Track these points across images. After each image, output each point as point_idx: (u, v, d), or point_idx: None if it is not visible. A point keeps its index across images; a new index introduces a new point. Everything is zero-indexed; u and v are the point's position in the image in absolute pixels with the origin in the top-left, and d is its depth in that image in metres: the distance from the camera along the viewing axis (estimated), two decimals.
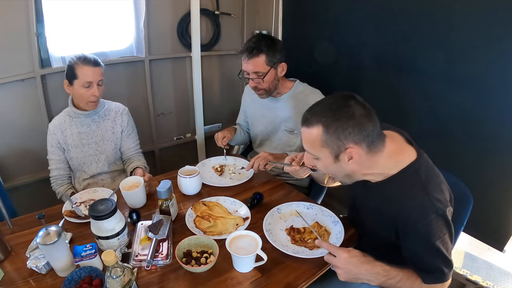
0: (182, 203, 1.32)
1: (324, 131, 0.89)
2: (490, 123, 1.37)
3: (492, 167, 1.40)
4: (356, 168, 0.94)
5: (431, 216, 0.87)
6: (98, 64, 1.45)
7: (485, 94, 1.35)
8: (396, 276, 0.93)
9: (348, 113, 0.87)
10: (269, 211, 1.22)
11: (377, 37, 1.69)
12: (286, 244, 1.11)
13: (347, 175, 0.98)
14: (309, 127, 0.92)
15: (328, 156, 0.92)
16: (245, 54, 1.50)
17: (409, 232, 0.91)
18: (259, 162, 1.37)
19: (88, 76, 1.42)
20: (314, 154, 0.95)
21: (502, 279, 1.61)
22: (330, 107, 0.90)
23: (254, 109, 1.76)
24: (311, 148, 0.95)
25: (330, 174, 1.01)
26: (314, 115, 0.92)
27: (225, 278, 0.97)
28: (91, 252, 0.97)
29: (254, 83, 1.54)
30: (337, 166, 0.94)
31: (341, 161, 0.92)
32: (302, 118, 0.96)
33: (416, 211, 0.89)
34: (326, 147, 0.90)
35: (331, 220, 1.21)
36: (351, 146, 0.88)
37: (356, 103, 0.89)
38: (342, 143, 0.88)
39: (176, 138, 2.57)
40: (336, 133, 0.88)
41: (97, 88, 1.46)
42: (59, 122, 1.54)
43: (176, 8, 2.18)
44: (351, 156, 0.90)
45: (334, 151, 0.90)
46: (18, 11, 1.67)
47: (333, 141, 0.89)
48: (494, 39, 1.27)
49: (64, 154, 1.56)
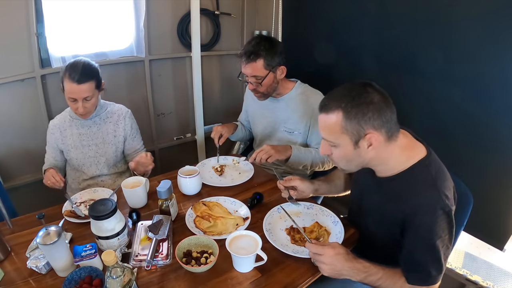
0: (182, 203, 1.32)
1: (344, 116, 0.88)
2: (490, 123, 1.37)
3: (492, 167, 1.40)
4: (373, 156, 0.93)
5: (438, 212, 0.88)
6: (84, 81, 1.34)
7: (485, 94, 1.36)
8: (376, 274, 0.94)
9: (367, 99, 0.87)
10: (269, 211, 1.22)
11: (377, 37, 1.69)
12: (286, 243, 1.11)
13: (361, 164, 0.98)
14: (328, 113, 0.91)
15: (347, 143, 0.91)
16: (243, 58, 1.49)
17: (414, 225, 0.91)
18: (261, 155, 1.39)
19: (71, 92, 1.35)
20: (332, 141, 0.94)
21: (502, 279, 1.61)
22: (349, 93, 0.89)
23: (255, 108, 1.76)
24: (330, 135, 0.93)
25: (345, 162, 0.98)
26: (333, 101, 0.91)
27: (225, 278, 0.97)
28: (91, 252, 0.97)
29: (253, 86, 1.54)
30: (355, 154, 0.93)
31: (361, 148, 0.91)
32: (320, 105, 0.95)
33: (425, 205, 0.89)
34: (346, 133, 0.90)
35: (331, 220, 1.20)
36: (371, 131, 0.88)
37: (374, 90, 0.89)
38: (362, 129, 0.88)
39: (176, 138, 2.58)
40: (356, 118, 0.87)
41: (82, 103, 1.37)
42: (60, 121, 1.52)
43: (176, 8, 2.18)
44: (370, 142, 0.90)
45: (354, 137, 0.90)
46: (18, 11, 1.67)
47: (353, 126, 0.88)
48: (494, 39, 1.27)
49: (58, 154, 1.55)
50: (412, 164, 0.94)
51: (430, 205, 0.89)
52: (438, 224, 0.88)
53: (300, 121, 1.59)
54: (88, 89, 1.37)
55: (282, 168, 1.68)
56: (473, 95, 1.38)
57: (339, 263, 0.93)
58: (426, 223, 0.89)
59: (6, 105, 1.79)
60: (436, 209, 0.88)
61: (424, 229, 0.90)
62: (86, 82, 1.35)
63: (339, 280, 1.14)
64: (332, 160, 1.01)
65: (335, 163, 1.02)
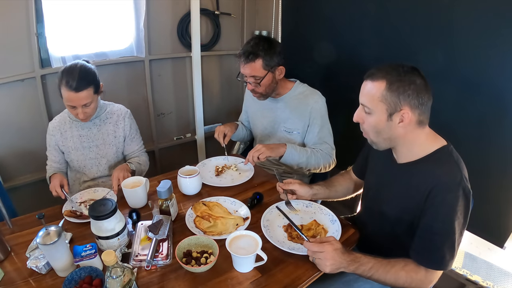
0: (182, 203, 1.32)
1: (387, 87, 0.93)
2: (490, 122, 1.37)
3: (492, 167, 1.40)
4: (401, 134, 0.98)
5: (460, 192, 0.91)
6: (82, 88, 1.31)
7: (485, 94, 1.35)
8: (367, 263, 0.96)
9: (411, 78, 0.93)
10: (268, 208, 1.23)
11: (377, 36, 1.69)
12: (282, 240, 1.11)
13: (389, 139, 1.01)
14: (373, 80, 0.96)
15: (383, 113, 0.95)
16: (242, 58, 1.49)
17: (436, 203, 0.93)
18: (253, 154, 1.41)
19: (70, 101, 1.33)
20: (369, 107, 0.97)
21: (502, 279, 1.61)
22: (396, 69, 0.94)
23: (255, 109, 1.76)
24: (369, 101, 0.97)
25: (375, 133, 1.02)
26: (381, 71, 0.95)
27: (225, 278, 0.97)
28: (91, 252, 0.97)
29: (252, 86, 1.53)
30: (386, 125, 0.97)
31: (393, 122, 0.96)
32: (368, 73, 0.99)
33: (448, 183, 0.93)
34: (384, 102, 0.94)
35: (329, 218, 1.21)
36: (406, 109, 0.93)
37: (420, 74, 0.94)
38: (399, 103, 0.93)
39: (176, 138, 2.58)
40: (397, 91, 0.92)
41: (81, 110, 1.36)
42: (59, 122, 1.51)
43: (176, 8, 2.18)
44: (402, 118, 0.94)
45: (390, 108, 0.94)
46: (18, 11, 1.67)
47: (392, 98, 0.93)
48: (494, 39, 1.27)
49: (61, 156, 1.54)
50: (435, 150, 0.99)
51: (453, 183, 0.92)
52: (458, 204, 0.91)
53: (299, 121, 1.59)
54: (86, 96, 1.34)
55: (282, 168, 1.68)
56: (473, 95, 1.38)
57: (339, 257, 0.95)
58: (448, 201, 0.92)
59: (6, 105, 1.79)
60: (458, 188, 0.91)
61: (445, 207, 0.92)
62: (84, 89, 1.32)
63: (339, 280, 1.15)
64: (363, 129, 1.05)
65: (366, 132, 1.05)
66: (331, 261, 0.94)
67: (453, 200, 0.91)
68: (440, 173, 0.94)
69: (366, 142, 1.24)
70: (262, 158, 1.41)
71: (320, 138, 1.56)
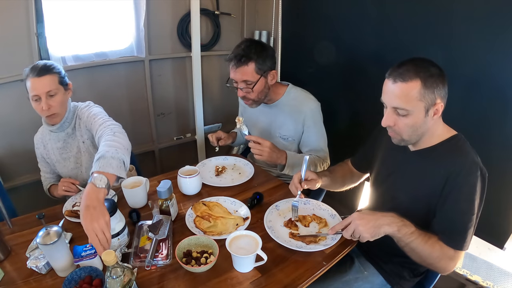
0: (182, 203, 1.32)
1: (423, 85, 0.93)
2: (490, 122, 1.37)
3: (492, 167, 1.40)
4: (432, 125, 0.99)
5: (478, 173, 0.94)
6: (44, 73, 1.24)
7: (485, 94, 1.35)
8: (411, 226, 0.95)
9: (437, 70, 0.95)
10: (268, 209, 1.23)
11: (376, 36, 1.69)
12: (289, 239, 1.11)
13: (422, 133, 1.01)
14: (406, 81, 0.94)
15: (421, 110, 0.95)
16: (233, 62, 1.42)
17: (459, 183, 0.95)
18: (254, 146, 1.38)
19: (33, 89, 1.23)
20: (407, 109, 0.95)
21: (502, 279, 1.60)
22: (422, 64, 0.94)
23: (250, 113, 1.72)
24: (406, 103, 0.95)
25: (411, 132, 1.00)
26: (408, 71, 0.94)
27: (225, 278, 0.97)
28: (91, 252, 0.97)
29: (243, 92, 1.48)
30: (424, 121, 0.97)
31: (428, 116, 0.97)
32: (394, 75, 0.96)
33: (468, 164, 0.95)
34: (423, 100, 0.94)
35: (328, 213, 1.22)
36: (439, 100, 0.95)
37: (434, 63, 0.96)
38: (435, 97, 0.94)
39: (176, 138, 2.58)
40: (431, 87, 0.93)
41: (45, 100, 1.24)
42: (42, 135, 1.47)
43: (176, 8, 2.18)
44: (435, 111, 0.96)
45: (428, 105, 0.95)
46: (18, 11, 1.67)
47: (429, 95, 0.94)
48: (494, 38, 1.27)
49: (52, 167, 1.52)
50: (451, 136, 1.02)
51: (473, 164, 0.95)
52: (478, 185, 0.94)
53: (293, 128, 1.57)
54: (49, 82, 1.25)
55: None
56: (473, 94, 1.38)
57: (369, 215, 0.96)
58: (469, 182, 0.94)
59: (6, 105, 1.79)
60: (477, 170, 0.94)
61: (468, 187, 0.94)
62: (46, 74, 1.25)
63: (339, 280, 1.15)
64: (394, 130, 1.02)
65: (397, 133, 1.02)
66: (362, 222, 0.94)
67: (475, 182, 0.93)
68: (460, 156, 0.97)
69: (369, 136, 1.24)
70: (258, 158, 1.41)
71: (316, 144, 1.56)
